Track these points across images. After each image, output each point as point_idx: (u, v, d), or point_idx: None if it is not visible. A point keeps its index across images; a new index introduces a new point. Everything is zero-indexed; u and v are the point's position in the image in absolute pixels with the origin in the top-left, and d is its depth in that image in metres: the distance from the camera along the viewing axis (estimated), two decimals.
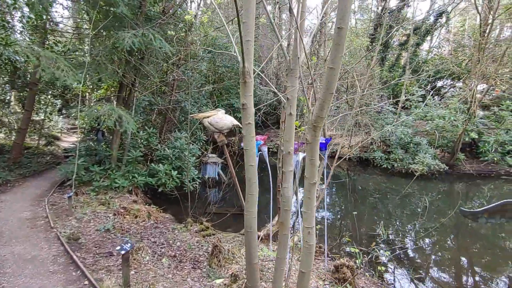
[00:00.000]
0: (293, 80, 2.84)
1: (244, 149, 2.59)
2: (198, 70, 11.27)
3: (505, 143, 13.57)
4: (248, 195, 2.63)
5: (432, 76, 16.64)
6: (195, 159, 9.42)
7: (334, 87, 2.05)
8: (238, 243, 6.35)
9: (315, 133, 2.18)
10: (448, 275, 6.07)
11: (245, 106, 2.48)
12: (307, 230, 2.30)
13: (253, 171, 2.59)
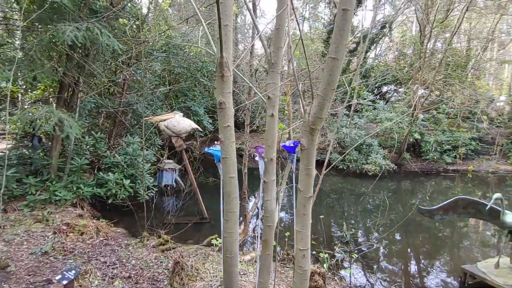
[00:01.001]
0: (275, 76, 2.42)
1: (222, 158, 2.11)
2: (152, 70, 10.39)
3: (442, 143, 14.64)
4: (227, 213, 2.14)
5: (379, 82, 17.45)
6: (150, 165, 8.58)
7: (336, 81, 1.67)
8: (201, 257, 5.75)
9: (312, 137, 1.78)
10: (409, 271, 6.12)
11: (223, 106, 2.00)
12: (302, 253, 1.89)
13: (234, 184, 2.11)
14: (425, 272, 6.08)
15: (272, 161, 2.49)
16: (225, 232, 2.14)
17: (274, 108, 2.42)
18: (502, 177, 13.63)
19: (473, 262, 5.68)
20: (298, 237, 1.91)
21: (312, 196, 1.88)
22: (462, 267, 5.46)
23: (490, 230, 8.07)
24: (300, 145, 1.79)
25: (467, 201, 5.55)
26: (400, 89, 19.01)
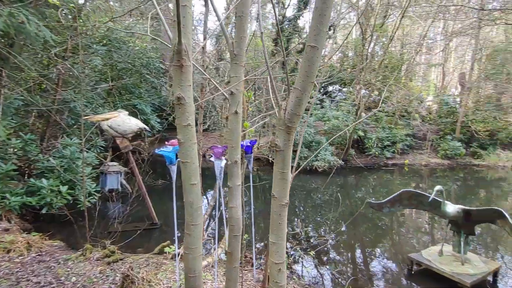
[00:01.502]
0: (238, 69, 2.15)
1: (182, 162, 1.78)
2: (92, 65, 9.39)
3: (382, 139, 15.65)
4: (189, 226, 1.82)
5: (325, 82, 18.09)
6: (91, 169, 7.72)
7: (315, 73, 1.47)
8: (153, 266, 5.24)
9: (288, 137, 1.55)
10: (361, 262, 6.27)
11: (182, 101, 1.68)
12: (277, 267, 1.66)
13: (196, 192, 1.80)
14: (376, 263, 6.27)
15: (236, 164, 2.23)
16: (187, 249, 1.82)
17: (238, 105, 2.16)
18: (433, 169, 14.98)
19: (418, 250, 5.98)
20: (272, 249, 1.68)
21: (288, 202, 1.66)
22: (409, 255, 5.69)
23: (428, 219, 8.68)
24: (275, 146, 1.56)
25: (410, 193, 5.84)
26: (344, 88, 19.94)
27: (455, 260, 5.30)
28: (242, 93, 2.24)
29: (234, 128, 2.18)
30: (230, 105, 2.17)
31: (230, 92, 2.13)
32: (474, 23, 11.72)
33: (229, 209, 2.20)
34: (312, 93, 7.92)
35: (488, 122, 15.16)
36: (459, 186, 12.71)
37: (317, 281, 5.51)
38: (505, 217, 4.64)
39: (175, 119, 1.75)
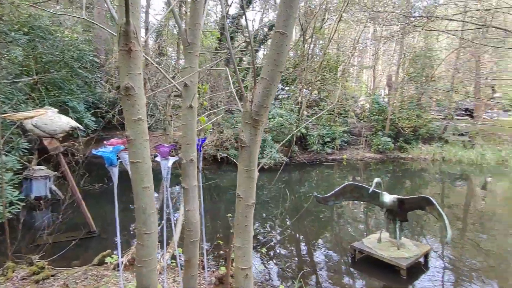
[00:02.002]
0: (192, 59, 1.94)
1: (132, 162, 1.52)
2: (10, 56, 8.14)
3: (323, 136, 16.44)
4: (142, 235, 1.57)
5: None
6: (12, 175, 6.69)
7: (284, 61, 1.36)
8: (93, 280, 4.69)
9: (255, 131, 1.41)
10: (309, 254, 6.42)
11: (131, 91, 1.43)
12: (244, 273, 1.52)
13: (149, 197, 1.55)
14: (322, 254, 6.45)
15: (192, 163, 2.02)
16: (140, 261, 1.57)
17: (193, 99, 1.96)
18: (367, 163, 16.18)
19: (359, 239, 6.31)
20: (238, 254, 1.53)
21: (254, 203, 1.53)
22: (352, 245, 5.96)
23: (363, 210, 9.29)
24: (240, 142, 1.41)
25: (353, 186, 6.14)
26: (286, 87, 20.50)
27: (392, 246, 5.67)
28: (197, 86, 2.04)
29: (188, 123, 1.97)
30: (184, 98, 1.96)
31: (184, 84, 1.92)
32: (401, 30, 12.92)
33: (185, 212, 1.99)
34: None
35: (412, 120, 16.90)
36: (389, 178, 13.90)
37: (268, 278, 5.49)
38: (433, 203, 5.09)
39: (123, 113, 1.49)
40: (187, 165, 2.01)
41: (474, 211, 9.25)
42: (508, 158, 15.16)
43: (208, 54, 15.71)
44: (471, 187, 12.55)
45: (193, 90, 1.97)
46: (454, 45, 17.60)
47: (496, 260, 5.86)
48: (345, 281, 5.27)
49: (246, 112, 1.40)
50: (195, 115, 2.01)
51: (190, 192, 2.01)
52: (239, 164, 1.50)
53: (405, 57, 17.46)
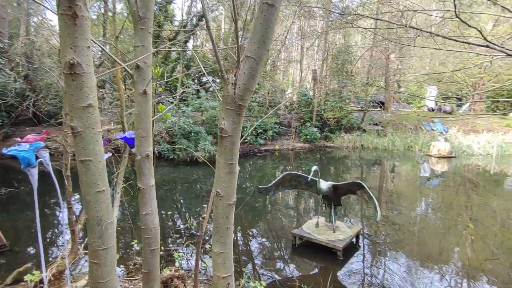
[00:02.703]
0: (145, 36, 1.62)
1: (81, 161, 1.17)
2: None
3: (256, 127, 16.70)
4: (97, 252, 1.23)
5: (199, 72, 17.83)
6: None
7: (272, 38, 1.18)
8: None
9: (239, 118, 1.21)
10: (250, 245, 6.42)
11: (78, 69, 1.08)
12: (225, 282, 1.32)
13: (106, 203, 1.22)
14: (263, 244, 6.51)
15: (148, 158, 1.72)
16: (96, 284, 1.24)
17: (148, 84, 1.65)
18: (297, 152, 16.99)
19: (296, 226, 6.53)
20: (218, 260, 1.32)
21: (235, 201, 1.34)
22: (292, 232, 6.12)
23: (294, 197, 9.71)
24: (221, 131, 1.20)
25: (292, 175, 6.29)
26: (217, 80, 20.17)
27: (328, 229, 5.98)
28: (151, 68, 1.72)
29: (142, 112, 1.66)
30: (137, 82, 1.64)
31: (136, 65, 1.59)
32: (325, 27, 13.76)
33: (142, 217, 1.68)
34: (188, 83, 7.50)
35: (335, 111, 18.27)
36: (317, 165, 14.83)
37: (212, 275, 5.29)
38: (364, 187, 5.51)
39: (67, 98, 1.13)
40: (142, 162, 1.69)
41: (386, 191, 10.42)
42: (413, 144, 17.57)
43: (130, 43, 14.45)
44: (383, 170, 14.15)
45: (147, 74, 1.65)
46: (368, 44, 19.50)
47: (404, 233, 6.67)
48: (286, 267, 5.38)
49: (228, 96, 1.20)
50: (150, 103, 1.70)
51: (147, 193, 1.71)
52: (218, 158, 1.28)
53: (328, 53, 18.71)
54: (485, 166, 14.35)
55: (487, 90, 18.01)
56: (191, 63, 18.07)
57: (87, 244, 5.05)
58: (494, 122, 19.49)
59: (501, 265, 5.17)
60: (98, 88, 8.02)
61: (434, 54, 19.09)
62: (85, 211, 1.25)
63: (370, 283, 4.75)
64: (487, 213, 8.03)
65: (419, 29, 5.90)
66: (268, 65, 19.41)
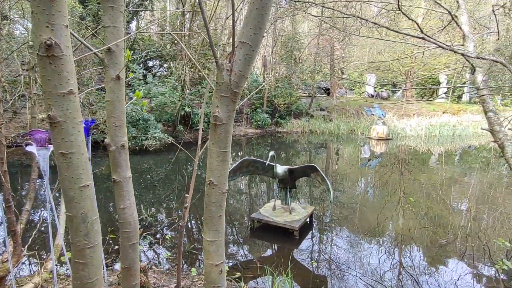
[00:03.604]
0: (116, 15, 1.46)
1: (61, 154, 1.03)
2: None
3: (208, 114, 16.41)
4: (83, 250, 1.11)
5: (145, 56, 16.81)
6: None
7: (267, 23, 1.15)
8: None
9: (233, 106, 1.18)
10: None
11: (56, 51, 0.93)
12: (218, 269, 1.31)
13: (90, 198, 1.10)
14: (225, 230, 6.59)
15: (124, 149, 1.60)
16: (83, 284, 1.13)
17: (121, 69, 1.51)
18: (249, 138, 17.16)
19: (254, 210, 6.68)
20: (211, 250, 1.31)
21: (228, 190, 1.32)
22: (251, 216, 6.26)
23: (247, 182, 9.90)
24: (215, 119, 1.16)
25: (249, 161, 6.36)
26: (165, 64, 19.25)
27: (285, 212, 6.23)
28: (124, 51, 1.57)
29: (116, 99, 1.53)
30: (108, 67, 1.49)
31: (107, 49, 1.44)
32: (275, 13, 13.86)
33: (119, 211, 1.57)
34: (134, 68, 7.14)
35: (285, 97, 18.73)
36: (268, 150, 15.20)
37: (174, 264, 5.22)
38: (317, 170, 5.80)
39: (42, 84, 0.98)
40: (117, 152, 1.57)
41: (332, 172, 11.13)
42: (356, 128, 18.86)
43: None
44: (329, 153, 15.03)
45: (120, 57, 1.52)
46: (315, 32, 20.14)
47: (348, 210, 7.25)
48: (247, 250, 5.51)
49: (223, 83, 1.16)
50: (123, 89, 1.57)
51: (124, 185, 1.60)
52: (211, 146, 1.25)
53: (278, 39, 18.93)
54: (415, 146, 16.04)
55: (417, 78, 19.94)
56: (135, 46, 16.91)
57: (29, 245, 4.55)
58: (422, 107, 21.73)
59: (426, 232, 5.91)
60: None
61: (374, 44, 20.47)
62: (67, 209, 1.13)
63: (321, 258, 5.10)
64: (416, 188, 9.05)
65: (366, 19, 6.26)
66: (218, 50, 19.02)
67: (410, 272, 4.55)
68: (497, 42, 5.99)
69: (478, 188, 8.97)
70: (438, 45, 5.35)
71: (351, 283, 4.29)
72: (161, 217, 6.90)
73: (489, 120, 5.30)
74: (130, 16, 15.96)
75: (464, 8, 6.36)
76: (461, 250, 5.20)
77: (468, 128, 18.75)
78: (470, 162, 12.83)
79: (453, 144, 16.76)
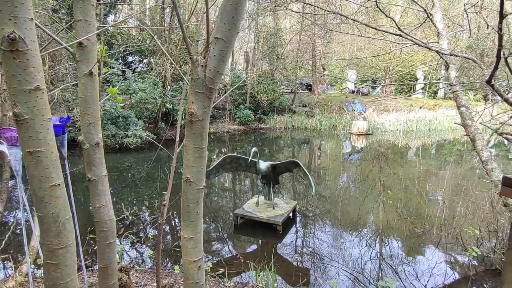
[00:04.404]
0: (87, 9, 1.41)
1: (29, 153, 0.98)
2: None
3: None
4: (55, 251, 1.07)
5: (124, 51, 16.37)
6: None
7: (242, 19, 1.14)
8: None
9: (209, 102, 1.17)
10: None
11: (20, 46, 0.88)
12: (196, 265, 1.30)
13: (62, 197, 1.06)
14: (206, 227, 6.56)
15: (98, 146, 1.55)
16: (56, 285, 1.09)
17: (94, 65, 1.46)
18: (232, 135, 17.11)
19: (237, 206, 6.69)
20: (188, 246, 1.30)
21: (205, 186, 1.31)
22: (234, 212, 6.27)
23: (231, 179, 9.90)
24: (191, 115, 1.15)
25: (232, 157, 6.36)
26: (145, 60, 18.82)
27: (268, 207, 6.27)
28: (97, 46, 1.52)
29: (89, 96, 1.48)
30: (80, 62, 1.44)
31: (78, 43, 1.39)
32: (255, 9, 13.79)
33: (95, 210, 1.53)
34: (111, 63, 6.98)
35: (268, 93, 18.75)
36: (252, 147, 15.21)
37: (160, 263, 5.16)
38: (299, 165, 5.87)
39: (7, 80, 0.94)
40: (92, 150, 1.53)
41: (314, 167, 11.30)
42: (337, 124, 19.16)
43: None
44: (312, 148, 15.22)
45: (92, 52, 1.47)
46: (296, 28, 20.22)
47: (330, 204, 7.39)
48: (231, 246, 5.53)
49: (197, 79, 1.15)
50: (97, 85, 1.53)
51: (99, 184, 1.56)
52: (187, 142, 1.24)
53: (260, 35, 18.88)
54: (394, 140, 16.49)
55: (395, 74, 20.44)
56: (112, 40, 16.42)
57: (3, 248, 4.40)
58: (400, 102, 22.33)
59: (404, 223, 6.12)
60: None
61: (354, 41, 20.80)
62: (37, 209, 1.09)
63: (304, 252, 5.19)
64: (395, 181, 9.33)
65: (346, 16, 6.34)
66: (199, 46, 18.77)
67: (389, 262, 4.70)
68: (469, 39, 6.23)
69: (453, 180, 9.35)
70: (414, 42, 5.49)
71: (332, 274, 4.39)
72: (143, 215, 6.79)
73: (462, 115, 5.51)
74: (107, 10, 15.45)
75: (439, 6, 6.54)
76: (437, 239, 5.42)
77: (443, 123, 19.44)
78: (445, 155, 13.33)
79: (429, 138, 17.35)
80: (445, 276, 4.32)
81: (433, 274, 4.35)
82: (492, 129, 4.82)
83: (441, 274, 4.36)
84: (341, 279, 4.28)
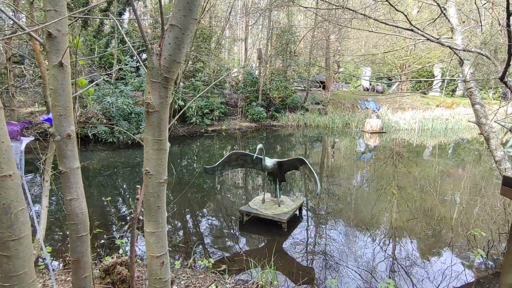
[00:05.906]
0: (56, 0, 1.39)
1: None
2: None
3: (202, 107, 16.31)
4: (6, 242, 1.06)
5: (138, 48, 16.61)
6: None
7: (198, 5, 1.09)
8: None
9: (166, 92, 1.12)
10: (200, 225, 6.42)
11: None
12: (159, 260, 1.27)
13: (14, 188, 1.05)
14: (212, 223, 6.55)
15: (70, 139, 1.54)
16: (8, 280, 1.07)
17: (64, 54, 1.44)
18: (244, 132, 17.09)
19: (244, 203, 6.64)
20: (151, 241, 1.26)
21: (167, 179, 1.27)
22: (240, 209, 6.22)
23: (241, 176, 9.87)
24: (147, 106, 1.11)
25: (238, 154, 6.31)
26: None
27: (274, 204, 6.19)
28: (67, 36, 1.51)
29: (59, 87, 1.46)
30: (50, 53, 1.43)
31: (47, 33, 1.38)
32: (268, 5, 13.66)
33: (66, 203, 1.52)
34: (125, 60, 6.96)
35: (280, 90, 18.60)
36: (263, 144, 15.14)
37: None
38: (306, 163, 5.75)
39: None
40: (63, 142, 1.51)
41: (327, 166, 11.11)
42: (350, 122, 18.81)
43: None
44: (324, 147, 14.99)
45: (63, 43, 1.45)
46: (310, 25, 19.94)
47: (342, 203, 7.23)
48: (235, 243, 5.50)
49: (153, 68, 1.10)
50: (68, 77, 1.51)
51: (71, 176, 1.54)
52: (146, 134, 1.20)
53: (273, 32, 18.74)
54: (409, 139, 16.02)
55: (412, 71, 19.83)
56: (127, 37, 16.68)
57: None
58: (416, 100, 21.69)
59: (419, 223, 5.90)
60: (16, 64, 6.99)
61: (369, 37, 20.31)
62: None
63: (308, 250, 5.09)
64: (410, 180, 9.04)
65: (354, 10, 6.15)
66: (212, 43, 18.83)
67: (401, 263, 4.55)
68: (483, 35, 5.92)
69: (470, 180, 8.98)
70: (426, 37, 5.26)
71: (336, 273, 4.29)
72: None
73: (476, 113, 5.25)
74: (121, 7, 15.70)
75: (453, 1, 6.25)
76: (448, 241, 5.21)
77: (461, 122, 18.73)
78: (462, 155, 12.83)
79: (445, 137, 16.75)
80: (451, 278, 4.14)
81: (440, 276, 4.18)
82: (507, 128, 4.57)
83: (449, 276, 4.18)
84: (345, 279, 4.17)
